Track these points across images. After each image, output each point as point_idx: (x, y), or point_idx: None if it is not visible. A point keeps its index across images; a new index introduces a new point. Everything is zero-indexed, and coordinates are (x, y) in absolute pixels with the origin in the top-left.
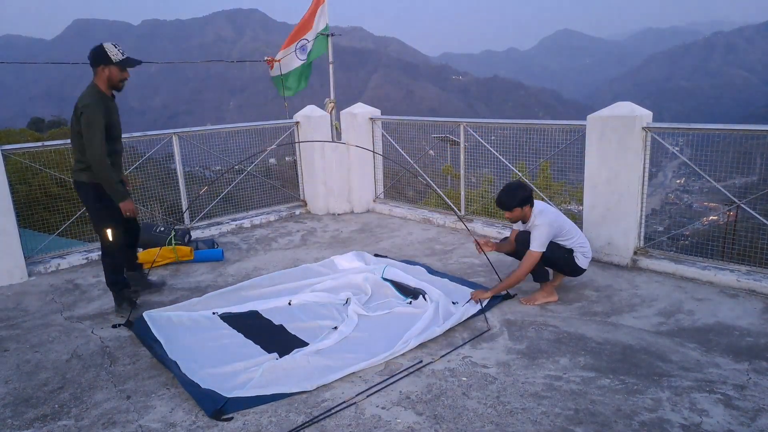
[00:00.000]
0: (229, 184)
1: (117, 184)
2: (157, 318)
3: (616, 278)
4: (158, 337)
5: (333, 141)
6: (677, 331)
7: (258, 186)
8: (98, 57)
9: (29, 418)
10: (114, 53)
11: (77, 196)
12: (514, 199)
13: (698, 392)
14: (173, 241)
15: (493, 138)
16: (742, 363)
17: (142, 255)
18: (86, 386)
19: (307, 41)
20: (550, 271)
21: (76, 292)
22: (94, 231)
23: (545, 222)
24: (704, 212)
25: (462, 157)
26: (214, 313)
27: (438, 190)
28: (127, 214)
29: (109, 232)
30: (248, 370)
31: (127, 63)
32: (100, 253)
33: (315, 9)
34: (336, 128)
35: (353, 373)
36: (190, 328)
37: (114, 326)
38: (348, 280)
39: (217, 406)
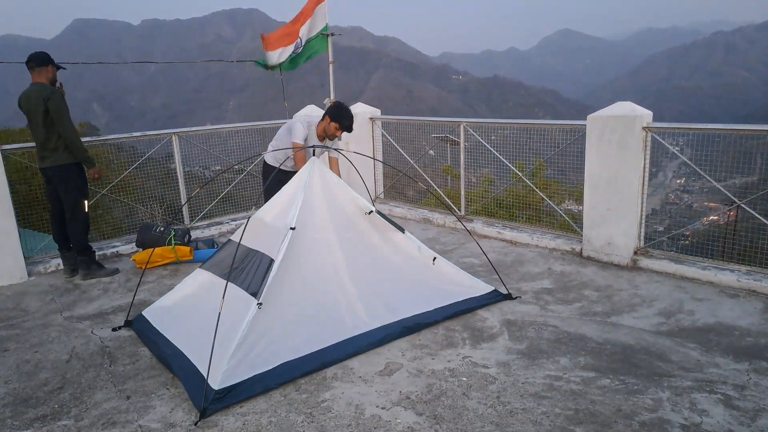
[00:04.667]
0: (229, 184)
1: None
2: (156, 312)
3: (616, 278)
4: (161, 331)
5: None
6: (677, 331)
7: (258, 186)
8: (46, 58)
9: (29, 418)
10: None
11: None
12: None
13: (698, 392)
14: (173, 241)
15: (493, 138)
16: (743, 363)
17: (141, 255)
18: (86, 386)
19: (300, 40)
20: None
21: (75, 292)
22: (71, 205)
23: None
24: (704, 212)
25: (462, 157)
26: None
27: (438, 189)
28: (95, 176)
29: (85, 203)
30: (238, 339)
31: (57, 66)
32: (71, 222)
33: (312, 6)
34: None
35: (353, 372)
36: (186, 306)
37: (114, 329)
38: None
39: (207, 403)
